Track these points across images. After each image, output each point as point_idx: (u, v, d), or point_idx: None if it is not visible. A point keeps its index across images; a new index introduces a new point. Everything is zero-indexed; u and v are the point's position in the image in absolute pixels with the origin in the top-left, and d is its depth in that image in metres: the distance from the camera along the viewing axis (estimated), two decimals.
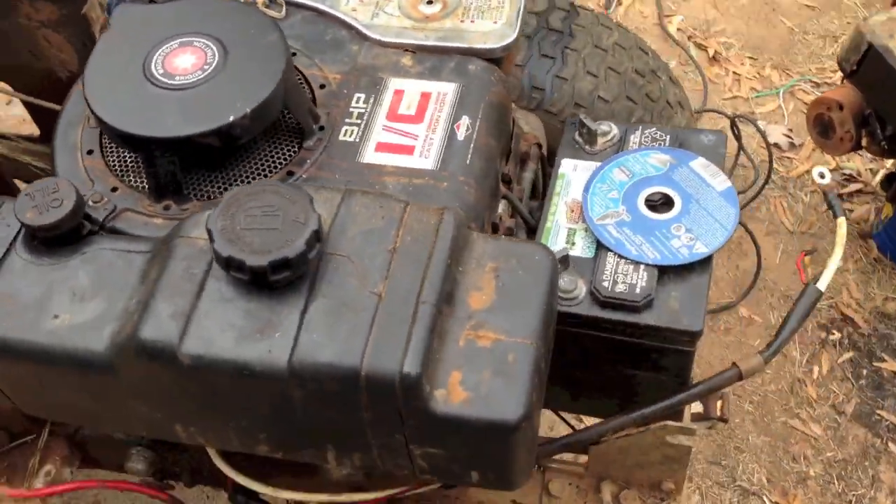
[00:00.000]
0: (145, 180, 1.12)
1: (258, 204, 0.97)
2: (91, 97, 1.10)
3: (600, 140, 1.27)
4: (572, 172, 1.26)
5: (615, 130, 1.28)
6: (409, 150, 1.14)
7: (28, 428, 1.41)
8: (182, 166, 1.11)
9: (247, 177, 1.13)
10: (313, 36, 1.26)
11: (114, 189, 1.14)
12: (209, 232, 0.95)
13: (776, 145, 2.96)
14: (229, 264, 0.94)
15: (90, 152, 1.17)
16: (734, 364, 1.19)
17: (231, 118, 1.06)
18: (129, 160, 1.15)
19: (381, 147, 1.15)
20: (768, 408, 2.45)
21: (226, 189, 1.13)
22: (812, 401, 2.45)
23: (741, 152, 2.60)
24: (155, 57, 1.12)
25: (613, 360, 1.19)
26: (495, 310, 0.99)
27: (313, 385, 0.94)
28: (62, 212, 1.04)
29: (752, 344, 2.56)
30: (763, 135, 2.63)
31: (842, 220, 1.24)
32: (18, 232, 1.07)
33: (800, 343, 2.56)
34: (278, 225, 0.95)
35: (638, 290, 1.13)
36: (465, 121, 1.16)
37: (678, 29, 3.23)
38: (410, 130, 1.16)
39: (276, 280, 0.95)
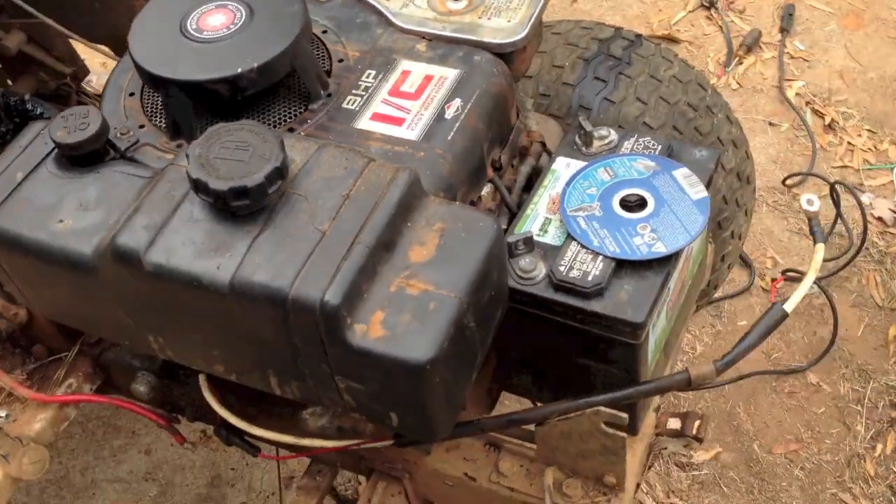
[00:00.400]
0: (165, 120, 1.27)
1: (234, 139, 1.09)
2: (132, 42, 1.26)
3: (596, 143, 1.33)
4: (564, 169, 1.32)
5: (613, 136, 1.34)
6: (399, 121, 1.24)
7: (63, 346, 1.57)
8: (196, 110, 1.25)
9: None
10: (346, 18, 1.39)
11: (141, 126, 1.29)
12: (187, 157, 1.08)
13: (880, 219, 2.87)
14: (197, 186, 1.06)
15: (132, 94, 1.33)
16: (686, 369, 1.21)
17: (239, 70, 1.20)
18: (157, 103, 1.31)
19: (376, 117, 1.25)
20: (820, 477, 2.37)
21: None
22: (869, 478, 2.35)
23: (838, 220, 2.56)
24: (193, 14, 1.27)
25: (567, 347, 1.23)
26: (432, 264, 1.07)
27: (249, 303, 1.04)
28: (86, 134, 1.19)
29: (816, 412, 2.48)
30: (860, 204, 2.56)
31: (820, 246, 1.25)
32: (52, 150, 1.24)
33: (867, 418, 2.46)
34: (246, 158, 1.07)
35: (590, 278, 1.17)
36: (456, 102, 1.25)
37: (797, 94, 3.19)
38: (405, 105, 1.26)
39: (237, 206, 1.07)
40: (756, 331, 1.22)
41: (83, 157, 1.21)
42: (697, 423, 1.43)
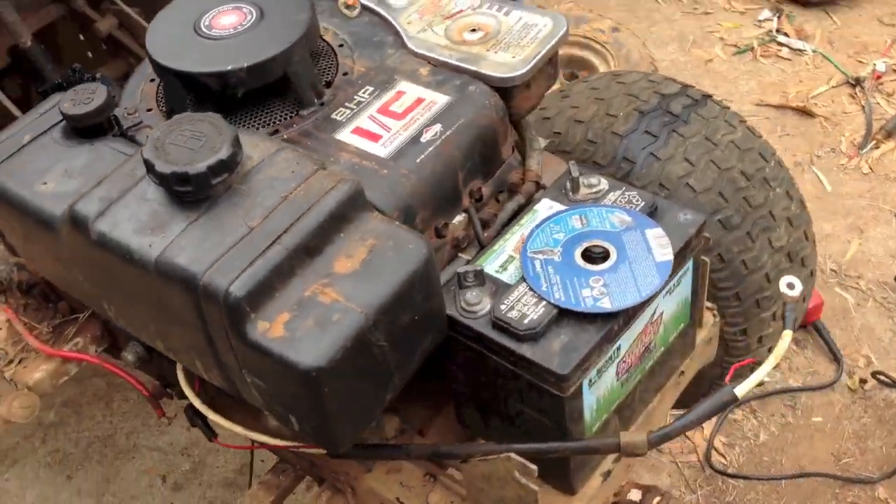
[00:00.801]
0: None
1: (192, 128, 1.14)
2: (149, 32, 1.34)
3: (584, 190, 1.30)
4: (545, 210, 1.30)
5: (602, 185, 1.30)
6: (376, 138, 1.25)
7: (81, 306, 1.67)
8: (195, 102, 1.31)
9: (243, 124, 1.31)
10: (365, 35, 1.42)
11: (149, 109, 1.37)
12: (147, 139, 1.13)
13: None
14: (147, 167, 1.12)
15: (152, 80, 1.41)
16: (618, 434, 1.16)
17: (229, 67, 1.25)
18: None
19: (357, 130, 1.27)
20: None
21: None
22: None
23: None
24: (210, 13, 1.34)
25: (505, 388, 1.20)
26: (352, 277, 1.07)
27: (168, 284, 1.08)
28: (89, 108, 1.27)
29: None
30: None
31: (788, 333, 1.16)
32: (61, 120, 1.32)
33: None
34: (196, 147, 1.11)
35: (526, 321, 1.14)
36: (436, 128, 1.25)
37: None
38: (388, 124, 1.27)
39: (180, 192, 1.11)
40: (700, 408, 1.15)
41: (86, 130, 1.29)
42: (658, 499, 1.35)
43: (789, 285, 1.19)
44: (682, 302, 1.30)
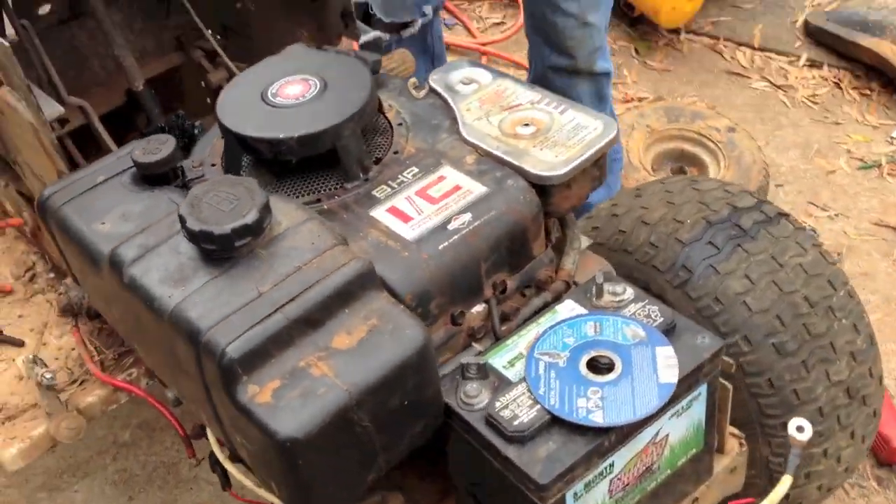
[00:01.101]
0: None
1: (229, 190, 1.20)
2: (222, 93, 1.43)
3: (607, 296, 1.29)
4: (567, 312, 1.29)
5: (627, 294, 1.29)
6: (407, 219, 1.29)
7: None
8: (252, 163, 1.39)
9: (291, 189, 1.37)
10: (425, 116, 1.46)
11: (213, 164, 1.45)
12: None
13: None
14: (181, 222, 1.19)
15: (221, 137, 1.50)
16: None
17: (281, 136, 1.31)
18: None
19: (392, 210, 1.31)
20: None
21: (275, 192, 1.37)
22: None
23: None
24: (279, 82, 1.41)
25: (495, 486, 1.20)
26: (348, 354, 1.11)
27: (178, 335, 1.14)
28: (155, 158, 1.37)
29: None
30: None
31: (787, 478, 1.11)
32: (132, 166, 1.42)
33: None
34: (227, 209, 1.18)
35: (516, 423, 1.14)
36: (465, 217, 1.28)
37: None
38: (422, 207, 1.30)
39: (207, 249, 1.18)
40: None
41: (152, 178, 1.39)
42: None
43: (799, 428, 1.15)
44: (693, 426, 1.26)
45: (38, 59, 1.77)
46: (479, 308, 1.30)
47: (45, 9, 1.91)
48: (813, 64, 3.41)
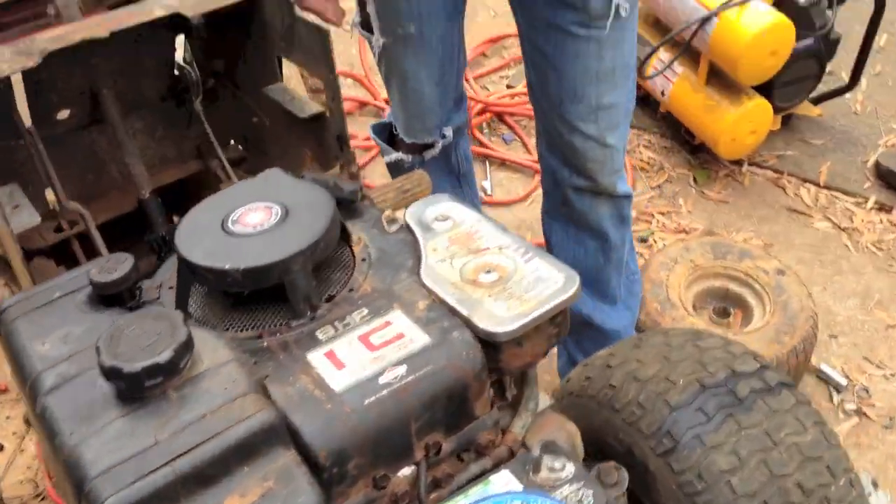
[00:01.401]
0: None
1: (151, 325, 1.16)
2: (182, 219, 1.40)
3: (545, 472, 1.18)
4: (500, 485, 1.19)
5: (568, 472, 1.18)
6: (340, 366, 1.21)
7: None
8: (202, 292, 1.34)
9: (238, 322, 1.31)
10: (391, 253, 1.40)
11: (171, 287, 1.41)
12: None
13: None
14: (97, 353, 1.14)
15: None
16: None
17: (227, 266, 1.27)
18: None
19: (329, 355, 1.24)
20: None
21: (222, 323, 1.32)
22: None
23: None
24: (241, 209, 1.38)
25: None
26: None
27: (70, 476, 1.08)
28: (109, 278, 1.33)
29: None
30: None
31: None
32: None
33: None
34: (143, 345, 1.13)
35: None
36: (399, 370, 1.20)
37: None
38: (359, 354, 1.23)
39: (115, 383, 1.13)
40: None
41: (107, 298, 1.36)
42: None
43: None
44: None
45: (41, 165, 1.80)
46: (406, 471, 1.21)
47: (64, 114, 1.95)
48: (882, 207, 3.24)
